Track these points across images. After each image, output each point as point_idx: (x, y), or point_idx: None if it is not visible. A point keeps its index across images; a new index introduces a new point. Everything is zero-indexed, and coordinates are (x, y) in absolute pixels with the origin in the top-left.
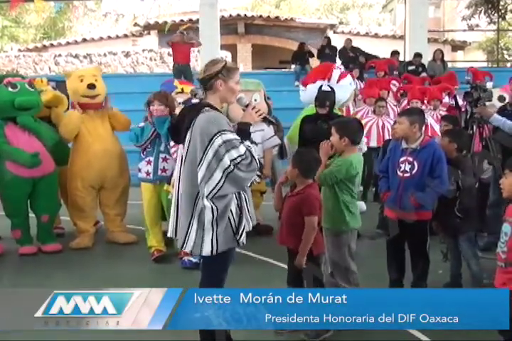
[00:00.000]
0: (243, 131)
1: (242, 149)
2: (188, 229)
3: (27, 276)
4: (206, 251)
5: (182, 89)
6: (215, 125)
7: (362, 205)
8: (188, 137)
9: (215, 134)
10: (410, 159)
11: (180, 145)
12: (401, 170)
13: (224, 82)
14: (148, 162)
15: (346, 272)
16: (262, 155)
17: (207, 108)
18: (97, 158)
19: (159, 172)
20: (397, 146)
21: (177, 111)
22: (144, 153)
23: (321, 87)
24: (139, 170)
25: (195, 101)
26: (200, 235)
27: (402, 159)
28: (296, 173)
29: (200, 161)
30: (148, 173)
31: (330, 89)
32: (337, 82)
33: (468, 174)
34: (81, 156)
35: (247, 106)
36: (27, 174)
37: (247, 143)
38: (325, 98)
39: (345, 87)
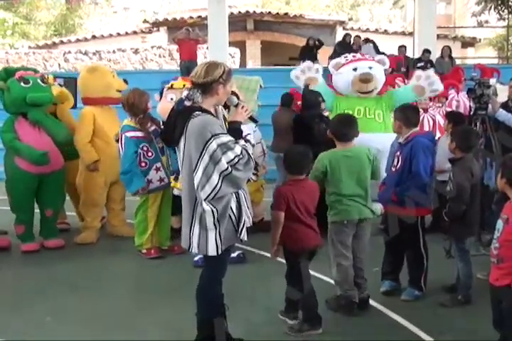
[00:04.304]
0: (235, 130)
1: (237, 149)
2: (191, 231)
3: (31, 271)
4: (211, 251)
5: (171, 85)
6: (209, 129)
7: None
8: (182, 143)
9: (210, 138)
10: (398, 154)
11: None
12: (393, 164)
13: (223, 85)
14: (157, 169)
15: (334, 263)
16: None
17: (197, 112)
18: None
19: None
20: (395, 142)
21: (160, 106)
22: (144, 164)
23: (306, 86)
24: (149, 181)
25: (187, 103)
26: (204, 236)
27: (396, 154)
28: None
29: (196, 166)
30: (161, 180)
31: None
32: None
33: (458, 178)
34: (105, 153)
35: (236, 105)
36: (35, 170)
37: (242, 142)
38: (317, 97)
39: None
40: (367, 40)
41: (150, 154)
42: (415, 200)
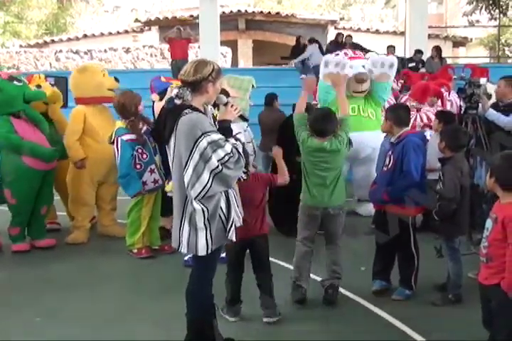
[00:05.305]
0: (225, 129)
1: (228, 147)
2: (180, 230)
3: (22, 271)
4: (201, 250)
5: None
6: (199, 127)
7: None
8: (172, 141)
9: (200, 136)
10: (390, 153)
11: None
12: (385, 164)
13: (213, 84)
14: (152, 171)
15: None
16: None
17: (187, 110)
18: (107, 153)
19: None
20: (387, 141)
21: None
22: (139, 166)
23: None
24: (144, 183)
25: (178, 101)
26: (194, 236)
27: (388, 153)
28: None
29: (186, 164)
30: (156, 181)
31: None
32: None
33: (448, 177)
34: (93, 151)
35: (225, 104)
36: (42, 167)
37: (232, 140)
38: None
39: None
40: (311, 41)
41: (145, 156)
42: (415, 200)
